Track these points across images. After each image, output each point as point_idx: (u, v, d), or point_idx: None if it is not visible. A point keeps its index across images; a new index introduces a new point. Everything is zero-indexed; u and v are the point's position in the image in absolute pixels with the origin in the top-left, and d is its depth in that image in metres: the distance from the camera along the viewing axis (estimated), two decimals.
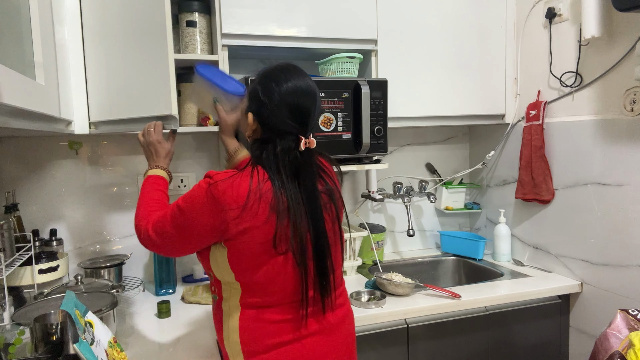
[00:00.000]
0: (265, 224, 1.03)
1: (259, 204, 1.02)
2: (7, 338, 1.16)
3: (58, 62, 1.31)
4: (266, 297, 1.09)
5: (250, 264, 1.06)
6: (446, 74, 1.92)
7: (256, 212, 1.02)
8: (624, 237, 1.60)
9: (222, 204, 1.02)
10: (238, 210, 1.01)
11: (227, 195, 1.02)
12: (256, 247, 1.04)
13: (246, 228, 1.03)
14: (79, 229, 1.84)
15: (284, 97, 1.07)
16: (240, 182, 1.03)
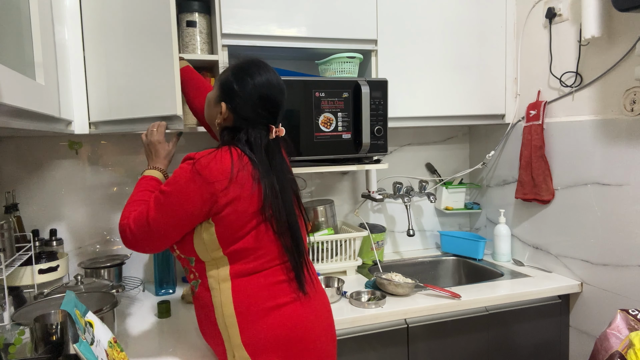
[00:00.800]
0: (251, 193, 1.10)
1: (243, 174, 1.09)
2: (7, 338, 1.16)
3: (58, 62, 1.31)
4: (257, 261, 1.14)
5: (239, 233, 1.11)
6: (446, 74, 1.92)
7: (242, 183, 1.09)
8: (624, 237, 1.60)
9: (208, 177, 1.07)
10: (225, 181, 1.07)
11: (213, 169, 1.07)
12: (245, 215, 1.10)
13: (234, 198, 1.08)
14: (79, 229, 1.84)
15: (257, 89, 1.16)
16: (222, 156, 1.10)
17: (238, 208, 1.09)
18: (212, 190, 1.07)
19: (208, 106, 1.25)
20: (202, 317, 1.20)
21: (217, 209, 1.08)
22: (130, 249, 1.17)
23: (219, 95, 1.19)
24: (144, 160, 1.90)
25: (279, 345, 1.12)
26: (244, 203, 1.10)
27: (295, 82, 1.62)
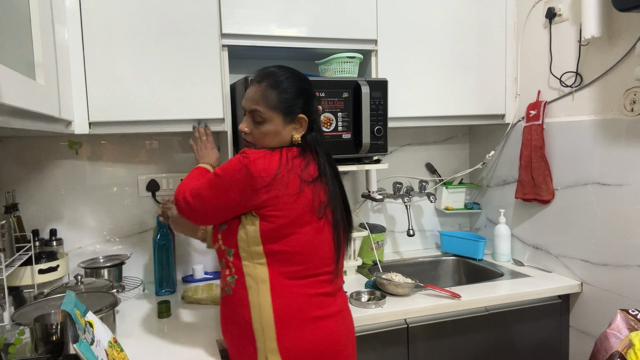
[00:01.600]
0: (298, 194, 1.13)
1: (288, 176, 1.13)
2: (7, 338, 1.16)
3: (58, 62, 1.31)
4: (297, 266, 1.15)
5: (282, 232, 1.14)
6: (446, 74, 1.92)
7: (287, 183, 1.12)
8: (624, 237, 1.60)
9: (252, 172, 1.11)
10: (268, 178, 1.11)
11: (259, 165, 1.12)
12: (289, 216, 1.13)
13: (277, 196, 1.12)
14: (79, 229, 1.84)
15: (309, 84, 1.25)
16: (271, 157, 1.14)
17: (281, 207, 1.12)
18: (253, 185, 1.11)
19: (275, 135, 1.21)
20: (232, 316, 1.19)
21: (258, 204, 1.12)
22: (183, 216, 1.23)
23: (292, 110, 1.20)
24: (144, 160, 1.91)
25: (313, 358, 1.14)
26: (288, 203, 1.12)
27: None
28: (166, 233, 1.78)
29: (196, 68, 1.61)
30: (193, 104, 1.62)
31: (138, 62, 1.55)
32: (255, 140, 1.23)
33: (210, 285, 1.81)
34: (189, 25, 1.59)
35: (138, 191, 1.90)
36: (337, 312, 1.19)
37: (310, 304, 1.15)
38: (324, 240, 1.19)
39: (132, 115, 1.56)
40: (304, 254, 1.15)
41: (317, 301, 1.16)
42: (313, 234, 1.16)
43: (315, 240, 1.17)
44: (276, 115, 1.20)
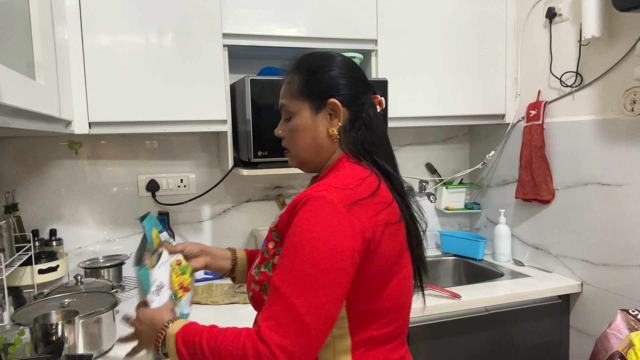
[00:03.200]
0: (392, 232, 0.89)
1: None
2: (7, 338, 1.16)
3: (58, 62, 1.31)
4: (387, 328, 0.92)
5: (375, 286, 0.89)
6: (446, 74, 1.92)
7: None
8: (624, 237, 1.60)
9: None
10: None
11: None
12: (390, 259, 0.89)
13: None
14: (79, 228, 1.84)
15: (349, 64, 0.99)
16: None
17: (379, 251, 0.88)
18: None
19: (305, 131, 0.96)
20: None
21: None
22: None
23: (319, 93, 0.95)
24: (144, 160, 1.91)
25: None
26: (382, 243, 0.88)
27: None
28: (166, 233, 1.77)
29: (196, 68, 1.61)
30: (193, 104, 1.62)
31: (138, 62, 1.55)
32: (288, 144, 1.00)
33: (210, 285, 1.81)
34: (189, 25, 1.59)
35: (138, 191, 1.90)
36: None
37: None
38: (408, 286, 0.97)
39: (132, 116, 1.56)
40: (398, 307, 0.94)
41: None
42: (404, 278, 0.95)
43: (406, 287, 0.96)
44: (302, 103, 0.95)
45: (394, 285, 0.91)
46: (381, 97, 1.00)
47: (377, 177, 0.91)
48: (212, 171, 1.99)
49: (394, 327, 0.93)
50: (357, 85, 0.96)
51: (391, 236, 0.88)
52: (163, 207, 1.92)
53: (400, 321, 0.95)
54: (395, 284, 0.91)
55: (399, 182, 0.95)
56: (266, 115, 1.58)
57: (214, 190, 1.97)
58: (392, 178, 0.94)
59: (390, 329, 0.92)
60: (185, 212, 1.97)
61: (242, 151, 1.68)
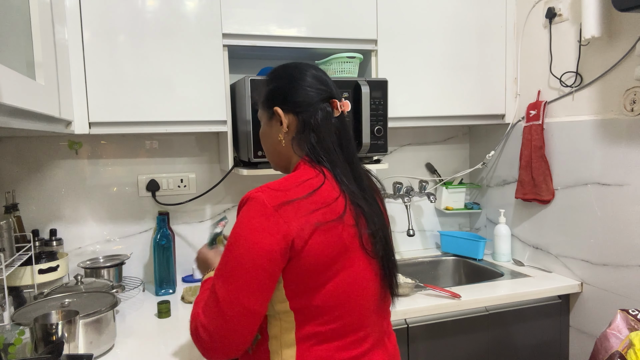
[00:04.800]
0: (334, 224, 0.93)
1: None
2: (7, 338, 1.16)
3: (58, 62, 1.31)
4: (331, 325, 0.95)
5: (312, 283, 0.93)
6: (446, 74, 1.92)
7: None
8: (624, 237, 1.60)
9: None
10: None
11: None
12: (322, 257, 0.92)
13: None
14: (79, 228, 1.84)
15: (303, 73, 1.03)
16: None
17: (315, 248, 0.92)
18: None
19: (266, 130, 1.09)
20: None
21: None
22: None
23: (267, 109, 1.05)
24: (144, 160, 1.91)
25: None
26: (324, 239, 0.92)
27: None
28: (166, 233, 1.78)
29: (196, 68, 1.61)
30: (193, 104, 1.62)
31: (138, 62, 1.55)
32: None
33: None
34: (189, 25, 1.59)
35: (138, 191, 1.90)
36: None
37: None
38: (366, 281, 0.99)
39: (132, 116, 1.56)
40: (347, 304, 0.96)
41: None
42: (357, 273, 0.98)
43: (360, 282, 0.98)
44: (262, 112, 1.07)
45: (336, 282, 0.94)
46: (343, 101, 1.03)
47: (322, 178, 0.96)
48: (212, 171, 1.99)
49: (339, 324, 0.95)
50: (307, 94, 1.01)
51: (325, 234, 0.91)
52: (163, 207, 1.92)
53: (348, 319, 0.96)
54: (338, 282, 0.94)
55: (353, 182, 0.99)
56: None
57: (214, 190, 1.97)
58: (341, 179, 0.97)
59: (335, 326, 0.95)
60: (185, 212, 1.97)
61: (242, 151, 1.68)
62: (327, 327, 0.95)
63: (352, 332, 0.97)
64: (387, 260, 1.01)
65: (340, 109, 1.03)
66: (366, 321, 0.99)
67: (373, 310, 1.00)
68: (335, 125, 1.02)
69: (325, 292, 0.93)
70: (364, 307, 0.98)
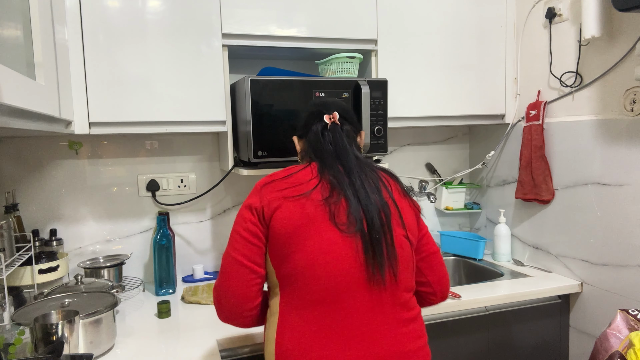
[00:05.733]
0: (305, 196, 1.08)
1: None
2: (7, 338, 1.16)
3: (58, 62, 1.31)
4: (305, 292, 1.06)
5: (285, 250, 1.07)
6: (446, 74, 1.92)
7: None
8: (624, 237, 1.60)
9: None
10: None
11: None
12: (288, 226, 1.06)
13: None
14: (79, 228, 1.84)
15: (310, 104, 1.27)
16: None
17: (284, 213, 1.08)
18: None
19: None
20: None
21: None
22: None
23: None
24: (144, 160, 1.91)
25: None
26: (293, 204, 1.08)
27: (295, 82, 1.62)
28: (166, 233, 1.78)
29: (196, 68, 1.61)
30: (193, 105, 1.62)
31: (138, 63, 1.55)
32: None
33: (210, 285, 1.81)
34: (189, 25, 1.59)
35: (138, 191, 1.90)
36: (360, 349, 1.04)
37: (308, 342, 1.04)
38: (343, 249, 1.07)
39: (132, 116, 1.56)
40: (317, 270, 1.06)
41: (314, 338, 1.04)
42: (332, 241, 1.07)
43: (335, 250, 1.06)
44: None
45: (304, 251, 1.05)
46: (330, 114, 1.21)
47: (307, 169, 1.14)
48: (212, 171, 1.99)
49: (309, 292, 1.05)
50: (307, 121, 1.23)
51: (290, 206, 1.07)
52: (163, 207, 1.93)
53: (315, 287, 1.05)
54: (305, 250, 1.05)
55: (343, 175, 1.13)
56: (266, 116, 1.58)
57: (214, 190, 1.97)
58: (328, 169, 1.13)
59: (305, 294, 1.05)
60: (185, 212, 1.97)
61: (242, 151, 1.68)
62: (299, 295, 1.06)
63: (322, 303, 1.05)
64: (372, 239, 1.07)
65: (330, 120, 1.20)
66: (342, 296, 1.05)
67: (354, 289, 1.05)
68: (328, 138, 1.19)
69: (294, 259, 1.05)
70: (334, 280, 1.05)
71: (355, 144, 1.24)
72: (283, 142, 1.60)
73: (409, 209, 1.22)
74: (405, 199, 1.22)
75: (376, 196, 1.12)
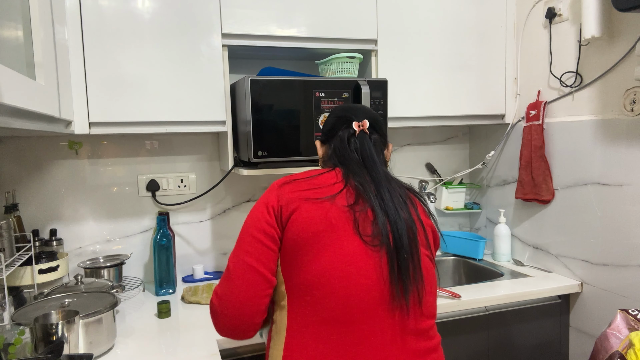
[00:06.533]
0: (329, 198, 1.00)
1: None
2: (7, 338, 1.16)
3: (58, 62, 1.31)
4: (318, 307, 0.95)
5: (300, 258, 0.97)
6: (446, 74, 1.92)
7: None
8: (624, 237, 1.60)
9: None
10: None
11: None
12: (307, 230, 0.97)
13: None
14: (79, 228, 1.84)
15: (335, 109, 1.22)
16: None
17: (303, 215, 1.00)
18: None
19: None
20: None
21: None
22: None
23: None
24: (144, 160, 1.91)
25: None
26: (313, 208, 1.00)
27: (295, 82, 1.62)
28: (166, 233, 1.78)
29: (197, 68, 1.61)
30: (193, 105, 1.62)
31: (138, 63, 1.55)
32: None
33: (210, 285, 1.81)
34: (189, 25, 1.59)
35: (138, 191, 1.90)
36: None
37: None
38: (367, 264, 0.98)
39: (132, 116, 1.56)
40: (332, 284, 0.96)
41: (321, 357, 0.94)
42: (355, 252, 0.97)
43: (356, 263, 0.97)
44: None
45: (322, 261, 0.95)
46: (360, 122, 1.14)
47: (331, 173, 1.08)
48: (212, 171, 1.99)
49: (322, 308, 0.95)
50: (334, 126, 1.17)
51: (311, 209, 0.98)
52: (163, 207, 1.93)
53: (330, 303, 0.94)
54: (324, 260, 0.95)
55: (370, 184, 1.05)
56: (266, 116, 1.58)
57: (214, 190, 1.97)
58: (354, 176, 1.06)
59: (318, 309, 0.95)
60: (185, 212, 1.97)
61: (242, 151, 1.68)
62: (311, 310, 0.95)
63: (336, 322, 0.94)
64: (399, 256, 0.97)
65: (359, 128, 1.13)
66: (359, 316, 0.95)
67: (373, 310, 0.95)
68: (354, 146, 1.12)
69: (309, 268, 0.95)
70: (352, 296, 0.94)
71: (382, 157, 1.15)
72: (283, 142, 1.60)
73: (433, 231, 1.13)
74: (430, 220, 1.12)
75: (404, 212, 1.02)
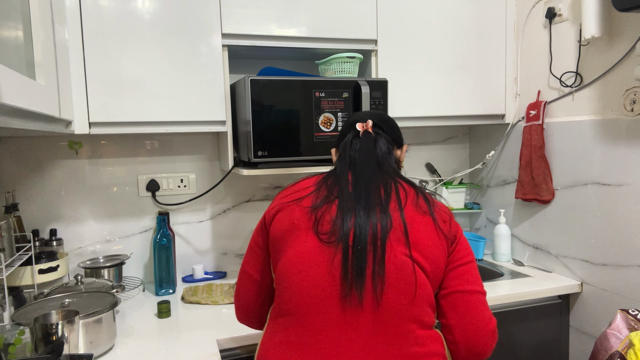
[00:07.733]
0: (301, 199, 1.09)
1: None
2: (7, 338, 1.16)
3: (58, 62, 1.31)
4: (280, 300, 1.05)
5: (275, 258, 1.09)
6: (446, 74, 1.92)
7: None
8: (624, 237, 1.60)
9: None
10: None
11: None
12: (278, 232, 1.08)
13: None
14: (79, 228, 1.84)
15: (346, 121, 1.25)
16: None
17: (284, 216, 1.10)
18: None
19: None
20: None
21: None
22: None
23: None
24: (144, 160, 1.91)
25: None
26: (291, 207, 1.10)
27: (295, 82, 1.62)
28: (166, 233, 1.78)
29: (196, 68, 1.61)
30: (193, 104, 1.62)
31: (138, 63, 1.55)
32: None
33: (210, 285, 1.81)
34: (189, 25, 1.59)
35: (138, 191, 1.90)
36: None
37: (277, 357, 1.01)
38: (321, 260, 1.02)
39: (132, 116, 1.56)
40: (291, 277, 1.04)
41: (282, 353, 1.01)
42: (311, 249, 1.03)
43: (312, 259, 1.03)
44: None
45: (284, 258, 1.04)
46: (362, 123, 1.17)
47: (313, 177, 1.15)
48: (212, 171, 1.99)
49: (282, 302, 1.03)
50: (343, 131, 1.21)
51: (283, 213, 1.09)
52: (163, 207, 1.93)
53: (286, 297, 1.02)
54: (285, 258, 1.04)
55: (348, 180, 1.09)
56: (266, 116, 1.58)
57: (214, 190, 1.97)
58: (335, 177, 1.11)
59: (280, 303, 1.04)
60: (185, 212, 1.97)
61: (242, 151, 1.68)
62: (277, 303, 1.05)
63: (291, 315, 1.01)
64: (354, 252, 0.97)
65: (362, 128, 1.16)
66: (309, 310, 0.98)
67: (324, 305, 0.97)
68: (355, 146, 1.15)
69: (277, 267, 1.07)
70: (303, 291, 0.99)
71: (391, 157, 1.14)
72: (283, 142, 1.60)
73: (429, 230, 1.03)
74: (426, 218, 1.04)
75: (379, 207, 1.01)
